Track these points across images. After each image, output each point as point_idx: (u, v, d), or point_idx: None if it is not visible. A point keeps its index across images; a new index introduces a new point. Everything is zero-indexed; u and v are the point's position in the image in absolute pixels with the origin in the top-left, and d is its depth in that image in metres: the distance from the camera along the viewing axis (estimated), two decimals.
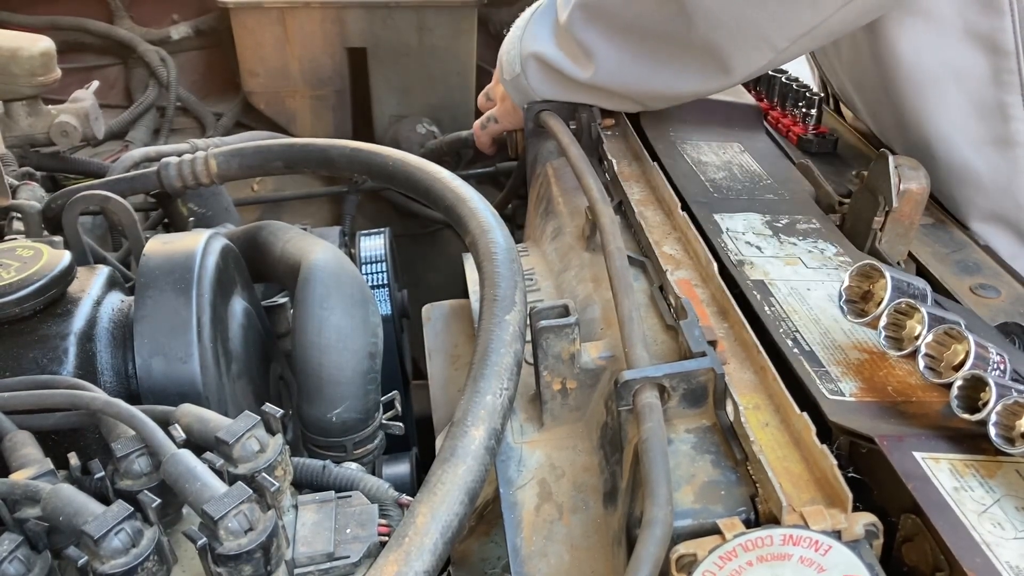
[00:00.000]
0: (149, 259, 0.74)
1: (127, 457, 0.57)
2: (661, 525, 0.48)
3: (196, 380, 0.69)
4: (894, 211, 0.84)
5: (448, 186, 0.79)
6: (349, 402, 0.78)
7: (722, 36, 0.90)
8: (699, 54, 0.93)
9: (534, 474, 0.65)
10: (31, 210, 0.95)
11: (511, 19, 1.15)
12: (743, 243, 0.83)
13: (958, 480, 0.52)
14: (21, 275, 0.69)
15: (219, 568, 0.50)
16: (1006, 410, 0.53)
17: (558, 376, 0.67)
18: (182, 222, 1.13)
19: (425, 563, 0.47)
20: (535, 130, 1.09)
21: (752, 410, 0.59)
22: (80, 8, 1.85)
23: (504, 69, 1.10)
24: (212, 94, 1.98)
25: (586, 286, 0.80)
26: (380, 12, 1.75)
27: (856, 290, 0.65)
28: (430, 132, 1.79)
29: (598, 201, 0.81)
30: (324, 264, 0.82)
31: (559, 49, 1.02)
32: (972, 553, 0.47)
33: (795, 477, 0.53)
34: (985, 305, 0.83)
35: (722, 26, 0.89)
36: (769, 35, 0.88)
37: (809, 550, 0.46)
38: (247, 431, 0.56)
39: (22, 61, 1.17)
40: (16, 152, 1.21)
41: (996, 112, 0.89)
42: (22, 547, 0.51)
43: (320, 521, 0.57)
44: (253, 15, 1.73)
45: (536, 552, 0.60)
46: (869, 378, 0.63)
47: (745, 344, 0.66)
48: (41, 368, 0.66)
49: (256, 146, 0.96)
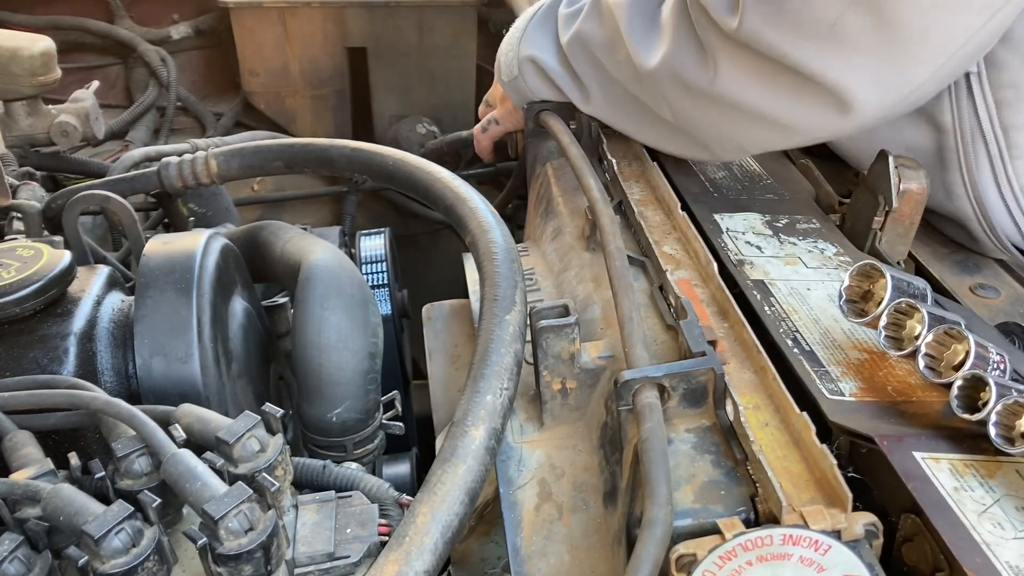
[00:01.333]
0: (149, 259, 0.74)
1: (127, 457, 0.57)
2: (661, 525, 0.48)
3: (196, 380, 0.69)
4: (894, 211, 0.84)
5: (448, 186, 0.79)
6: (349, 402, 0.78)
7: (696, 134, 0.91)
8: (678, 131, 0.93)
9: (534, 474, 0.65)
10: (31, 210, 0.95)
11: (511, 19, 1.15)
12: (743, 243, 0.83)
13: (958, 480, 0.52)
14: (21, 275, 0.69)
15: (219, 568, 0.50)
16: (1006, 410, 0.53)
17: (558, 376, 0.67)
18: (182, 222, 1.13)
19: (425, 563, 0.47)
20: (535, 130, 1.09)
21: (752, 410, 0.59)
22: (80, 8, 1.85)
23: (502, 71, 1.10)
24: (212, 94, 1.98)
25: (586, 286, 0.80)
26: (380, 12, 1.75)
27: (856, 290, 0.65)
28: (430, 132, 1.79)
29: (598, 201, 0.81)
30: (324, 264, 0.82)
31: (560, 67, 1.02)
32: (972, 553, 0.47)
33: (795, 477, 0.53)
34: (985, 305, 0.83)
35: (695, 127, 0.90)
36: (742, 144, 0.89)
37: (809, 550, 0.46)
38: (247, 431, 0.56)
39: (22, 61, 1.17)
40: (16, 152, 1.21)
41: (940, 188, 0.90)
42: (22, 547, 0.51)
43: (320, 521, 0.57)
44: (253, 15, 1.73)
45: (536, 552, 0.60)
46: (869, 378, 0.63)
47: (745, 344, 0.66)
48: (41, 368, 0.66)
49: (256, 146, 0.96)
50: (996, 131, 0.81)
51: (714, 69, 0.80)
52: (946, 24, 0.69)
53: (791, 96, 0.77)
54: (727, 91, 0.81)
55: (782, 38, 0.73)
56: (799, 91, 0.76)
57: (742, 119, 0.83)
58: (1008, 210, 0.85)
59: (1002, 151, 0.82)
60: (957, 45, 0.71)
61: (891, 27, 0.69)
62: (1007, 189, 0.83)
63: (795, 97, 0.77)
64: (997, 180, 0.84)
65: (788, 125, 0.81)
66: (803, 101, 0.77)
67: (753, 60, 0.77)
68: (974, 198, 0.85)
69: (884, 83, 0.74)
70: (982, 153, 0.83)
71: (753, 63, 0.77)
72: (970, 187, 0.85)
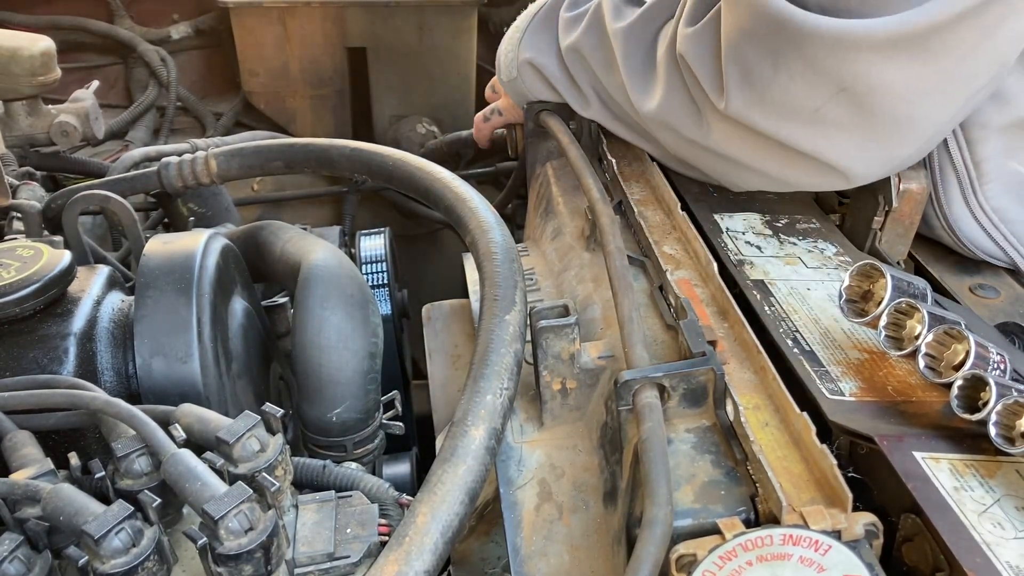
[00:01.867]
0: (149, 259, 0.74)
1: (127, 457, 0.57)
2: (661, 525, 0.48)
3: (196, 380, 0.69)
4: (894, 211, 0.84)
5: (448, 186, 0.79)
6: (349, 402, 0.78)
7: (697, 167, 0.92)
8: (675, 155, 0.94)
9: (534, 474, 0.65)
10: (31, 210, 0.95)
11: (511, 19, 1.15)
12: (743, 243, 0.83)
13: (958, 480, 0.52)
14: (21, 275, 0.69)
15: (219, 568, 0.50)
16: (1006, 410, 0.53)
17: (558, 376, 0.67)
18: (182, 222, 1.13)
19: (425, 563, 0.47)
20: (535, 130, 1.09)
21: (752, 410, 0.59)
22: (80, 8, 1.85)
23: (502, 71, 1.10)
24: (212, 94, 1.98)
25: (586, 286, 0.80)
26: (380, 12, 1.75)
27: (856, 290, 0.65)
28: (430, 132, 1.79)
29: (598, 201, 0.81)
30: (324, 264, 0.82)
31: (560, 72, 1.01)
32: (972, 553, 0.47)
33: (795, 477, 0.53)
34: (985, 305, 0.83)
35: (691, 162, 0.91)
36: (737, 184, 0.90)
37: (809, 550, 0.46)
38: (247, 431, 0.56)
39: (22, 61, 1.18)
40: (16, 152, 1.21)
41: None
42: (22, 547, 0.51)
43: (320, 521, 0.57)
44: (253, 15, 1.73)
45: (536, 552, 0.60)
46: (869, 378, 0.63)
47: (745, 344, 0.66)
48: (41, 368, 0.66)
49: (256, 146, 0.96)
50: (967, 164, 0.83)
51: (707, 129, 0.82)
52: (929, 111, 0.71)
53: (782, 162, 0.79)
54: (721, 148, 0.83)
55: (767, 121, 0.75)
56: (790, 159, 0.78)
57: (737, 168, 0.85)
58: (985, 232, 0.86)
59: (972, 181, 0.84)
60: (941, 124, 0.75)
61: (874, 116, 0.71)
62: (980, 213, 0.85)
63: (786, 163, 0.79)
64: (969, 206, 0.85)
65: (781, 181, 0.83)
66: (794, 167, 0.79)
67: (745, 130, 0.78)
68: (948, 228, 0.87)
69: (871, 159, 0.76)
70: (952, 184, 0.85)
71: (745, 133, 0.78)
72: (943, 220, 0.87)
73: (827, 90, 0.70)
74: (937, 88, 0.69)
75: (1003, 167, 0.82)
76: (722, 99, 0.76)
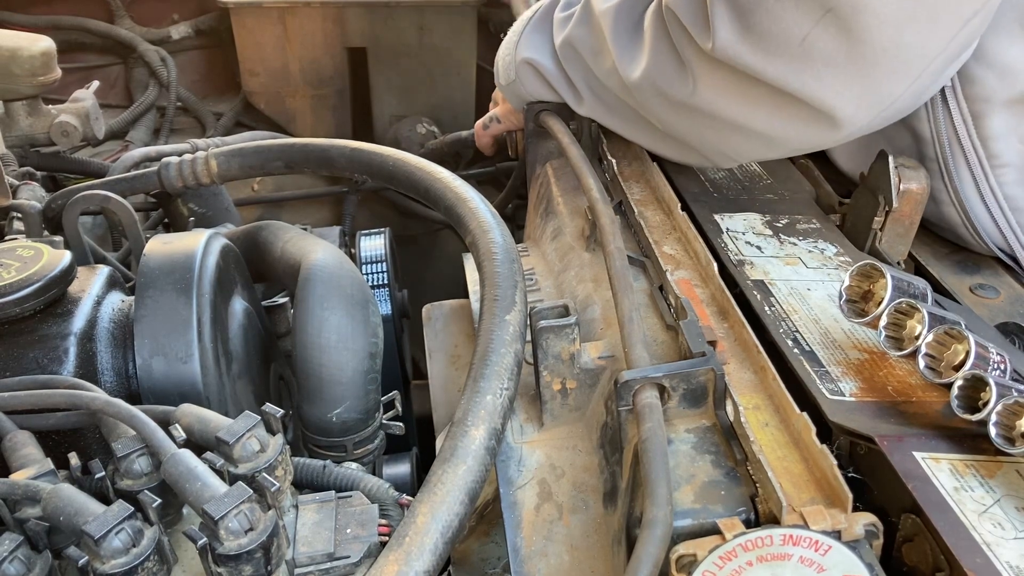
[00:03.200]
0: (149, 259, 0.74)
1: (127, 457, 0.57)
2: (661, 525, 0.48)
3: (196, 380, 0.69)
4: (894, 211, 0.84)
5: (448, 186, 0.79)
6: (349, 402, 0.79)
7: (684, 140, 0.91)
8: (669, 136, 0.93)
9: (534, 474, 0.65)
10: (31, 210, 0.95)
11: (511, 19, 1.15)
12: (743, 243, 0.83)
13: (958, 480, 0.52)
14: (21, 275, 0.69)
15: (219, 568, 0.50)
16: (1006, 410, 0.53)
17: (558, 376, 0.67)
18: (182, 222, 1.13)
19: (425, 563, 0.47)
20: (535, 130, 1.09)
21: (752, 410, 0.59)
22: (80, 8, 1.85)
23: (500, 75, 1.11)
24: (212, 94, 1.98)
25: (586, 286, 0.80)
26: (380, 12, 1.75)
27: (856, 290, 0.65)
28: (430, 132, 1.80)
29: (598, 201, 0.81)
30: (324, 264, 0.82)
31: (556, 69, 1.02)
32: (972, 553, 0.47)
33: (795, 477, 0.53)
34: (985, 305, 0.84)
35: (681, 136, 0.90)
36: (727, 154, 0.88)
37: (809, 550, 0.46)
38: (247, 431, 0.56)
39: (22, 61, 1.18)
40: (16, 152, 1.21)
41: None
42: (22, 547, 0.51)
43: (320, 521, 0.57)
44: (253, 15, 1.73)
45: (536, 552, 0.60)
46: (869, 378, 0.63)
47: (745, 344, 0.66)
48: (41, 368, 0.66)
49: (256, 146, 0.96)
50: (974, 141, 0.82)
51: (693, 83, 0.81)
52: (916, 37, 0.69)
53: (770, 110, 0.78)
54: (707, 104, 0.81)
55: (754, 56, 0.73)
56: (778, 106, 0.77)
57: (724, 130, 0.84)
58: (992, 217, 0.85)
59: (981, 160, 0.83)
60: (929, 58, 0.72)
61: (861, 43, 0.69)
62: (990, 197, 0.84)
63: (774, 111, 0.77)
64: (979, 188, 0.84)
65: (770, 137, 0.81)
66: (782, 115, 0.77)
67: (731, 76, 0.77)
68: (959, 205, 0.86)
69: (860, 97, 0.74)
70: (961, 163, 0.84)
71: (731, 78, 0.77)
72: (953, 195, 0.86)
73: (814, 13, 0.68)
74: (923, 10, 0.67)
75: (1015, 149, 0.81)
76: (708, 38, 0.75)
